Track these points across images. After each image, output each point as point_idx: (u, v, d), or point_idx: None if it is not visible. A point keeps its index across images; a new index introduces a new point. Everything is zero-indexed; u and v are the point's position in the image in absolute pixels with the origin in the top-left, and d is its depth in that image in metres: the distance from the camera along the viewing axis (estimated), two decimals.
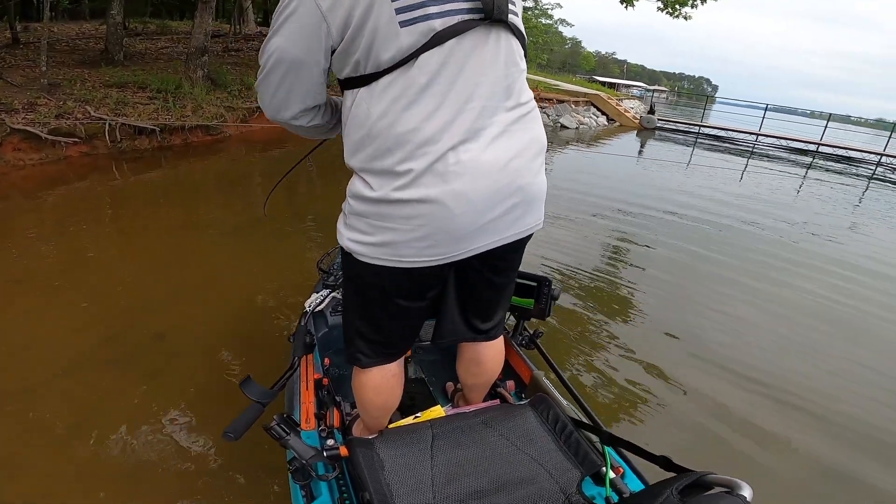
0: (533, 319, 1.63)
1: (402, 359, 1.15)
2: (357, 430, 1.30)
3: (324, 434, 1.23)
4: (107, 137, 5.50)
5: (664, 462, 0.95)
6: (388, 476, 0.94)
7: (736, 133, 15.45)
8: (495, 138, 0.89)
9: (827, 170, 11.66)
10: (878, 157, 13.82)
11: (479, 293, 1.10)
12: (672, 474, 0.85)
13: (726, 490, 0.70)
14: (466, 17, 0.83)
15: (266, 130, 7.06)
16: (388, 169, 0.87)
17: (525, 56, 0.97)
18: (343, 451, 1.04)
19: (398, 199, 0.87)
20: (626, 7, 11.00)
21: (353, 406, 1.40)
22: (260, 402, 1.05)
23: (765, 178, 9.08)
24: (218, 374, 2.06)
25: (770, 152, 13.56)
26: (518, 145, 0.93)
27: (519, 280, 1.55)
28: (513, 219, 0.95)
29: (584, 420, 1.22)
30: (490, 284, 1.08)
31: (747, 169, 10.21)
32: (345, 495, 1.03)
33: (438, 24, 0.81)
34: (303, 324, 1.56)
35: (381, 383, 1.12)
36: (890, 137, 14.52)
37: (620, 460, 1.13)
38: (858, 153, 14.17)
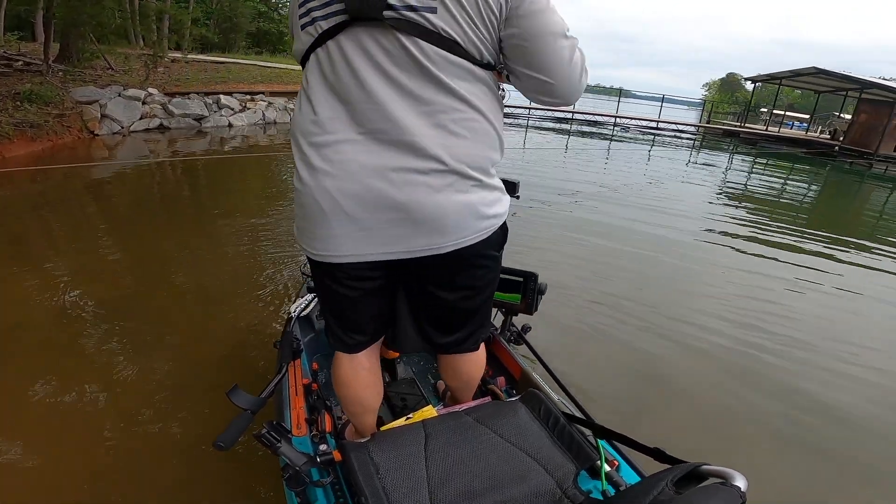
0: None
1: (375, 355, 1.15)
2: (349, 434, 1.30)
3: (316, 439, 1.21)
4: None
5: (657, 453, 0.93)
6: (383, 479, 0.92)
7: (515, 108, 18.05)
8: (382, 144, 0.85)
9: (582, 133, 14.68)
10: (614, 119, 17.79)
11: (430, 307, 1.08)
12: (666, 466, 0.84)
13: (720, 481, 0.68)
14: (341, 18, 0.84)
15: None
16: (295, 153, 0.94)
17: (464, 56, 0.84)
18: (336, 455, 1.04)
19: (295, 186, 0.93)
20: None
21: None
22: (249, 409, 1.01)
23: (545, 146, 11.12)
24: None
25: (541, 123, 16.37)
26: (414, 158, 0.84)
27: (504, 276, 1.58)
28: (397, 235, 0.89)
29: (576, 414, 1.22)
30: (439, 300, 1.04)
31: (527, 137, 12.28)
32: (341, 500, 1.02)
33: (324, 25, 0.85)
34: (289, 329, 1.54)
35: (350, 374, 1.11)
36: (619, 102, 18.88)
37: (615, 453, 1.13)
38: (601, 117, 18.04)
